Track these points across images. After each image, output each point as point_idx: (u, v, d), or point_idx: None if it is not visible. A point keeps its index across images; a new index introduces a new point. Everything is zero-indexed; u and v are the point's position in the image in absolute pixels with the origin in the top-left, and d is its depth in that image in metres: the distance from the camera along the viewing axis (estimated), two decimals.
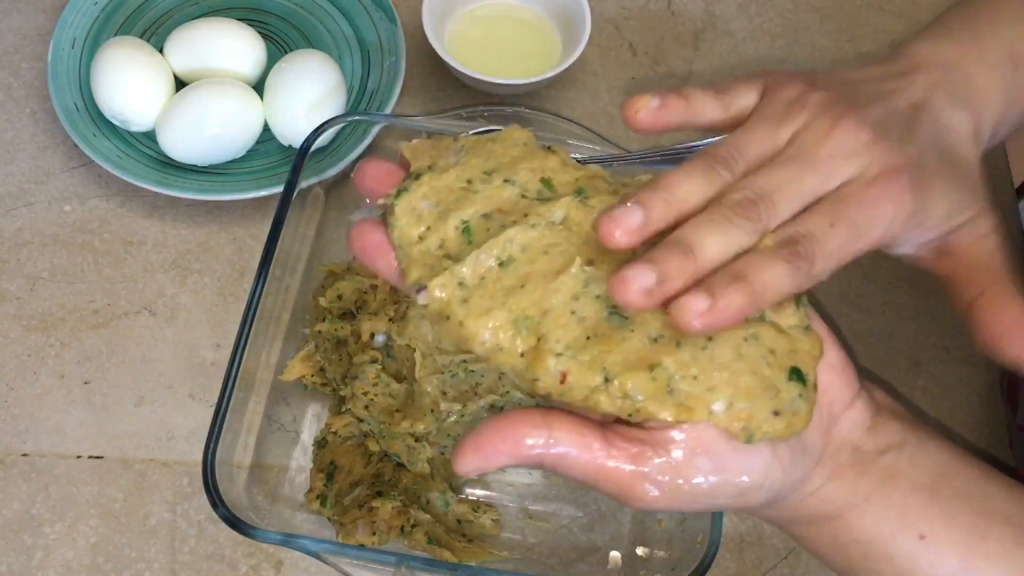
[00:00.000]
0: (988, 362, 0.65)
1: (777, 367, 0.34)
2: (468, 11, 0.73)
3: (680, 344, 0.34)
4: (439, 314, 0.35)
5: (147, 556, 0.56)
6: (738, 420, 0.33)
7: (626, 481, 0.33)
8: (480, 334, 0.34)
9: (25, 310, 0.63)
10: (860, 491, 0.37)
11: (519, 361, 0.34)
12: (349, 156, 0.63)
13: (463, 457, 0.34)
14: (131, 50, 0.66)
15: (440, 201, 0.37)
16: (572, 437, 0.34)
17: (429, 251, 0.36)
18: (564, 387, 0.34)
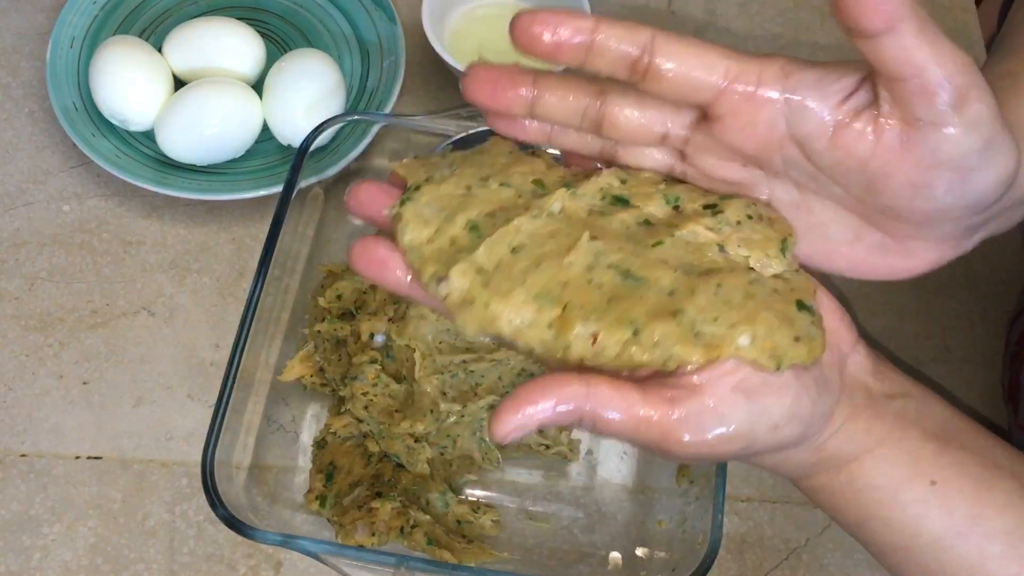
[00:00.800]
0: (990, 362, 0.65)
1: (784, 301, 0.36)
2: (468, 11, 0.73)
3: (695, 292, 0.35)
4: (462, 301, 0.36)
5: (146, 557, 0.56)
6: (764, 350, 0.34)
7: (665, 427, 0.34)
8: (506, 313, 0.35)
9: (23, 310, 0.63)
10: (875, 434, 0.38)
11: (548, 333, 0.35)
12: (348, 156, 0.63)
13: (502, 417, 0.34)
14: (130, 49, 0.66)
15: (444, 206, 0.38)
16: (610, 389, 0.34)
17: (443, 248, 0.37)
18: (597, 348, 0.34)
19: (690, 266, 0.36)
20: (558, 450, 0.57)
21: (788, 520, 0.59)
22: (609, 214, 0.38)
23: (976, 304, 0.67)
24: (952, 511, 0.38)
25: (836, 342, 0.38)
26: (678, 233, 0.37)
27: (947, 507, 0.38)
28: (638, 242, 0.37)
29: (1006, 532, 0.37)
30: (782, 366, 0.35)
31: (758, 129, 0.35)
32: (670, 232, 0.37)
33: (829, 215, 0.37)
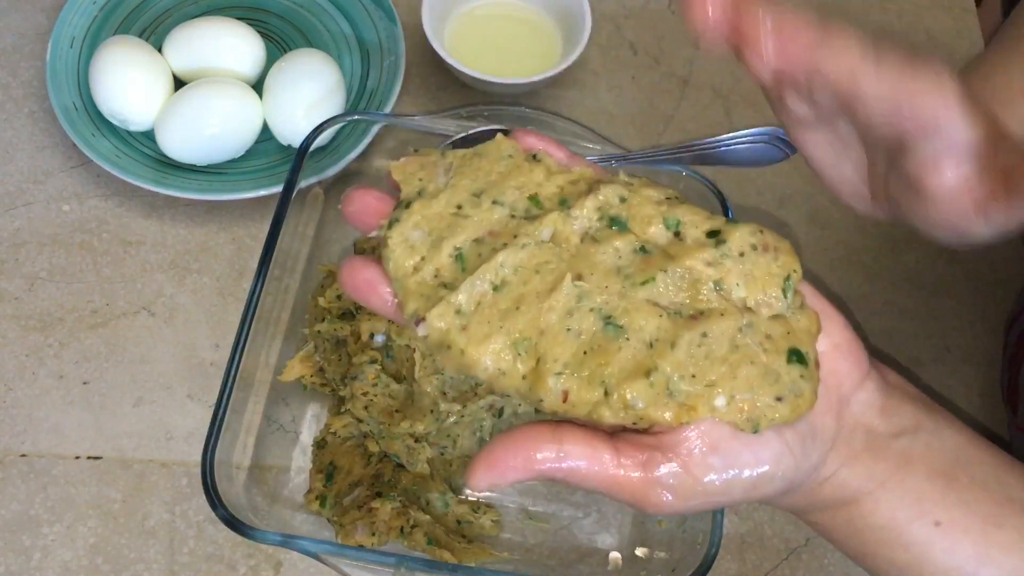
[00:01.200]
0: (989, 363, 0.65)
1: (775, 352, 0.35)
2: (468, 11, 0.73)
3: (675, 345, 0.34)
4: (440, 344, 0.36)
5: (146, 557, 0.56)
6: (741, 412, 0.34)
7: (639, 489, 0.34)
8: (482, 361, 0.35)
9: (23, 310, 0.63)
10: (876, 476, 0.37)
11: (522, 383, 0.35)
12: (348, 156, 0.63)
13: (476, 473, 0.35)
14: (130, 49, 0.66)
15: (432, 229, 0.38)
16: (582, 450, 0.34)
17: (425, 281, 0.37)
18: (567, 405, 0.34)
19: (680, 307, 0.36)
20: None
21: (788, 520, 0.59)
22: (603, 240, 0.37)
23: (976, 304, 0.67)
24: (957, 552, 0.37)
25: (836, 384, 0.37)
26: (672, 268, 0.36)
27: (952, 548, 0.37)
28: (628, 278, 0.36)
29: (1013, 574, 0.37)
30: (759, 429, 0.34)
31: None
32: (664, 265, 0.36)
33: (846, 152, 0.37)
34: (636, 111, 0.73)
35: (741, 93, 0.75)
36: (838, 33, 0.34)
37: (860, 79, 0.35)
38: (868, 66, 0.35)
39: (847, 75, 0.35)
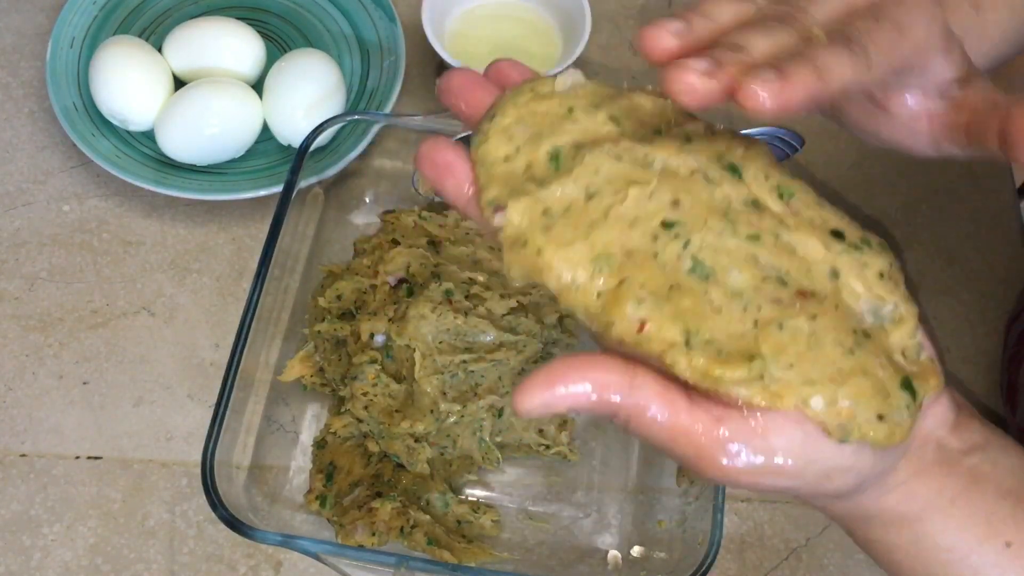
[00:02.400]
0: (989, 363, 0.65)
1: (892, 371, 0.32)
2: (468, 10, 0.73)
3: (783, 327, 0.31)
4: (515, 239, 0.32)
5: (146, 557, 0.56)
6: (837, 416, 0.31)
7: (704, 446, 0.31)
8: (557, 268, 0.31)
9: (23, 310, 0.63)
10: (946, 492, 0.35)
11: (594, 302, 0.31)
12: (348, 156, 0.63)
13: (529, 390, 0.31)
14: (130, 49, 0.66)
15: (535, 124, 0.34)
16: (656, 387, 0.31)
17: (514, 172, 0.33)
18: (642, 336, 0.31)
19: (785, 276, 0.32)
20: (558, 450, 0.57)
21: (788, 520, 0.59)
22: (715, 182, 0.33)
23: (976, 304, 0.67)
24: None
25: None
26: (786, 235, 0.33)
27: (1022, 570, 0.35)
28: (733, 223, 0.33)
29: None
30: (848, 440, 0.31)
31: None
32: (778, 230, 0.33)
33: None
34: None
35: None
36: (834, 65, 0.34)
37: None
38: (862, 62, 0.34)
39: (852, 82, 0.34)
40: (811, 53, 0.31)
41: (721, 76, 0.30)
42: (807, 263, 0.33)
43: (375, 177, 0.65)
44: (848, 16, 0.34)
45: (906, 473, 0.35)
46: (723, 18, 0.33)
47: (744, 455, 0.31)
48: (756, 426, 0.31)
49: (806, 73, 0.30)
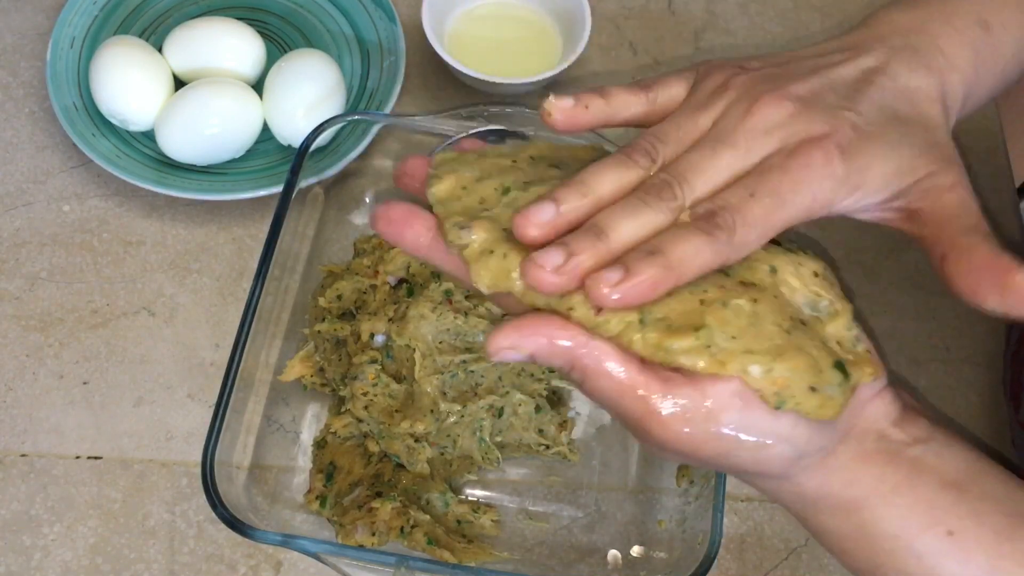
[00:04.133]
0: (989, 363, 0.65)
1: (826, 354, 0.35)
2: (468, 11, 0.73)
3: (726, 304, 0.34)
4: (480, 252, 0.35)
5: (146, 557, 0.56)
6: (773, 384, 0.33)
7: (651, 404, 0.33)
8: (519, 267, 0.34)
9: (24, 310, 0.63)
10: (887, 480, 0.37)
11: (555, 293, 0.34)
12: (348, 156, 0.63)
13: (501, 333, 0.34)
14: (130, 49, 0.66)
15: (483, 170, 0.38)
16: (609, 349, 0.34)
17: (469, 206, 0.37)
18: (599, 319, 0.34)
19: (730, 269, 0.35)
20: (558, 450, 0.57)
21: (788, 520, 0.59)
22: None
23: None
24: (969, 563, 0.36)
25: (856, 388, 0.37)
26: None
27: (964, 559, 0.36)
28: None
29: None
30: (783, 407, 0.34)
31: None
32: None
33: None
34: None
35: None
36: None
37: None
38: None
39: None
40: (667, 245, 0.33)
41: (570, 272, 0.33)
42: (748, 259, 0.36)
43: (375, 177, 0.65)
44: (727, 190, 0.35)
45: (846, 457, 0.37)
46: (602, 188, 0.35)
47: (686, 417, 0.33)
48: (699, 391, 0.33)
49: (654, 271, 0.33)
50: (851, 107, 0.38)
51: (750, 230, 0.35)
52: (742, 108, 0.37)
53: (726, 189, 0.35)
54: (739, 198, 0.35)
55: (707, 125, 0.37)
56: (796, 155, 0.36)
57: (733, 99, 0.37)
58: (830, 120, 0.37)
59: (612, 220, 0.34)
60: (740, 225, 0.34)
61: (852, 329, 0.37)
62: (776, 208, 0.35)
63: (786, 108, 0.36)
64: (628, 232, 0.34)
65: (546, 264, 0.33)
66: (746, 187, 0.35)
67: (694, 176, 0.35)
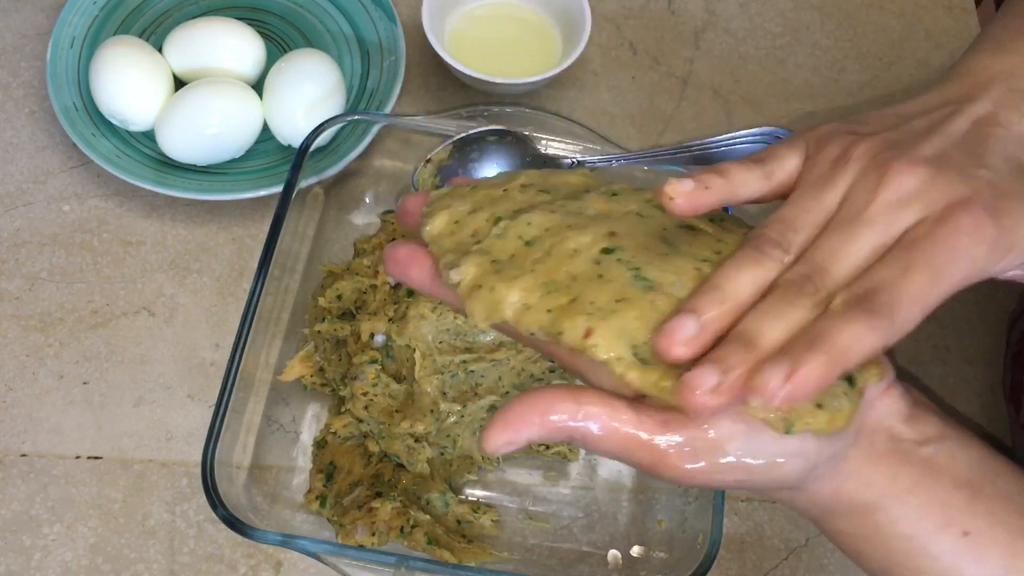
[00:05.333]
0: (989, 363, 0.65)
1: None
2: (468, 11, 0.73)
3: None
4: (471, 286, 0.35)
5: (146, 557, 0.56)
6: (776, 411, 0.32)
7: (656, 451, 0.33)
8: (511, 297, 0.35)
9: (24, 310, 0.63)
10: (900, 481, 0.36)
11: (546, 317, 0.34)
12: (349, 156, 0.63)
13: (492, 432, 0.34)
14: (130, 49, 0.66)
15: (475, 202, 0.39)
16: (601, 407, 0.33)
17: (462, 241, 0.37)
18: (587, 342, 0.33)
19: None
20: (558, 450, 0.57)
21: (788, 520, 0.59)
22: (648, 216, 0.37)
23: (976, 304, 0.67)
24: (986, 563, 0.36)
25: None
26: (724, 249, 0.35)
27: (981, 559, 0.36)
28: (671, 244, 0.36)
29: None
30: (792, 431, 0.33)
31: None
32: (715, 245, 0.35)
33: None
34: (636, 111, 0.73)
35: (741, 93, 0.75)
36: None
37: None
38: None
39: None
40: (826, 334, 0.31)
41: (728, 389, 0.31)
42: None
43: (375, 177, 0.65)
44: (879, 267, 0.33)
45: (858, 461, 0.36)
46: (740, 293, 0.33)
47: (693, 454, 0.33)
48: (701, 427, 0.33)
49: (818, 365, 0.31)
50: (981, 163, 0.36)
51: (910, 309, 0.33)
52: (872, 180, 0.35)
53: (876, 266, 0.34)
54: (893, 276, 0.33)
55: (835, 202, 0.35)
56: (944, 222, 0.34)
57: (859, 171, 0.35)
58: (967, 181, 0.35)
59: (759, 326, 0.32)
60: (899, 305, 0.32)
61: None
62: (934, 282, 0.33)
63: (919, 175, 0.35)
64: (777, 337, 0.32)
65: (701, 387, 0.31)
66: (898, 262, 0.33)
67: (834, 264, 0.34)
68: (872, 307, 0.32)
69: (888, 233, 0.34)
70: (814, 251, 0.34)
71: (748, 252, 0.34)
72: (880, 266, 0.33)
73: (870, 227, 0.34)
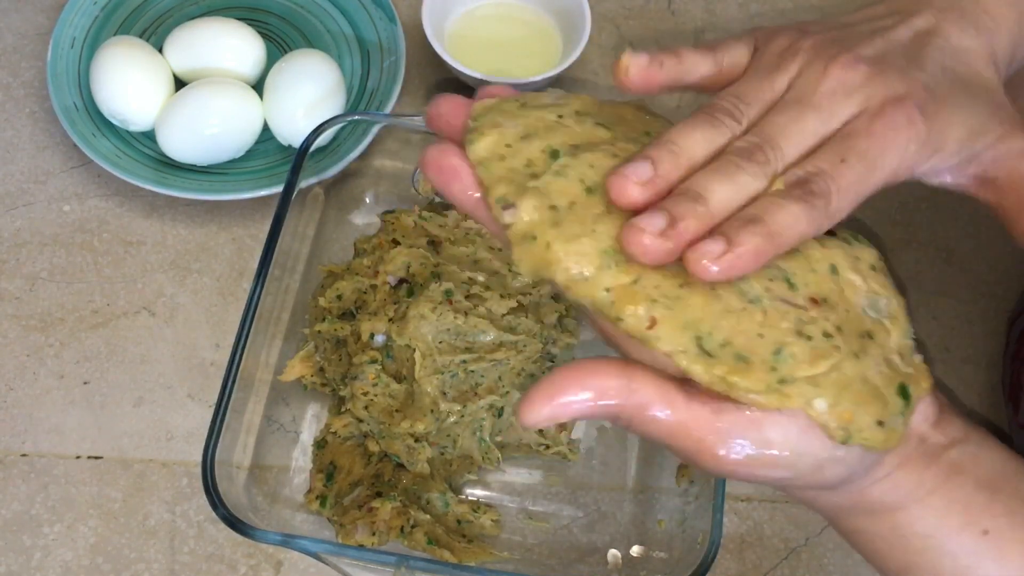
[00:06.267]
0: (989, 363, 0.65)
1: (888, 378, 0.33)
2: (468, 11, 0.73)
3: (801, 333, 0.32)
4: (524, 235, 0.33)
5: (146, 557, 0.56)
6: (839, 419, 0.32)
7: (703, 439, 0.32)
8: (565, 261, 0.32)
9: (24, 310, 0.63)
10: (925, 483, 0.37)
11: (603, 295, 0.32)
12: (348, 156, 0.63)
13: (533, 406, 0.32)
14: (130, 50, 0.66)
15: (527, 126, 0.35)
16: (653, 387, 0.32)
17: (515, 168, 0.34)
18: (650, 333, 0.31)
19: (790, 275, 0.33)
20: (558, 450, 0.57)
21: (788, 520, 0.59)
22: None
23: (976, 304, 0.67)
24: (1006, 562, 0.36)
25: None
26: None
27: (1000, 558, 0.36)
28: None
29: None
30: (849, 442, 0.32)
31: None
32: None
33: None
34: None
35: None
36: None
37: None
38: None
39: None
40: (766, 214, 0.32)
41: (674, 238, 0.31)
42: (809, 261, 0.34)
43: (375, 177, 0.65)
44: (817, 152, 0.35)
45: (891, 466, 0.36)
46: (693, 150, 0.34)
47: (741, 447, 0.32)
48: (753, 419, 0.32)
49: (757, 241, 0.32)
50: (919, 67, 0.37)
51: (844, 196, 0.34)
52: (818, 70, 0.36)
53: (816, 154, 0.35)
54: (831, 164, 0.34)
55: (783, 87, 0.36)
56: (880, 116, 0.35)
57: (805, 62, 0.36)
58: (904, 81, 0.36)
59: (709, 184, 0.33)
60: (835, 192, 0.34)
61: (910, 334, 0.35)
62: (867, 173, 0.34)
63: (861, 70, 0.36)
64: (725, 197, 0.32)
65: (650, 228, 0.31)
66: (836, 152, 0.34)
67: (783, 139, 0.34)
68: (811, 192, 0.33)
69: (830, 121, 0.35)
70: (764, 124, 0.35)
71: (703, 116, 0.35)
72: (819, 154, 0.35)
73: (815, 111, 0.35)
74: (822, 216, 0.33)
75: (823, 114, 0.35)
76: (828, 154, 0.34)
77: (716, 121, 0.35)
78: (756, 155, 0.34)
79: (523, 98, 0.37)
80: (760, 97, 0.36)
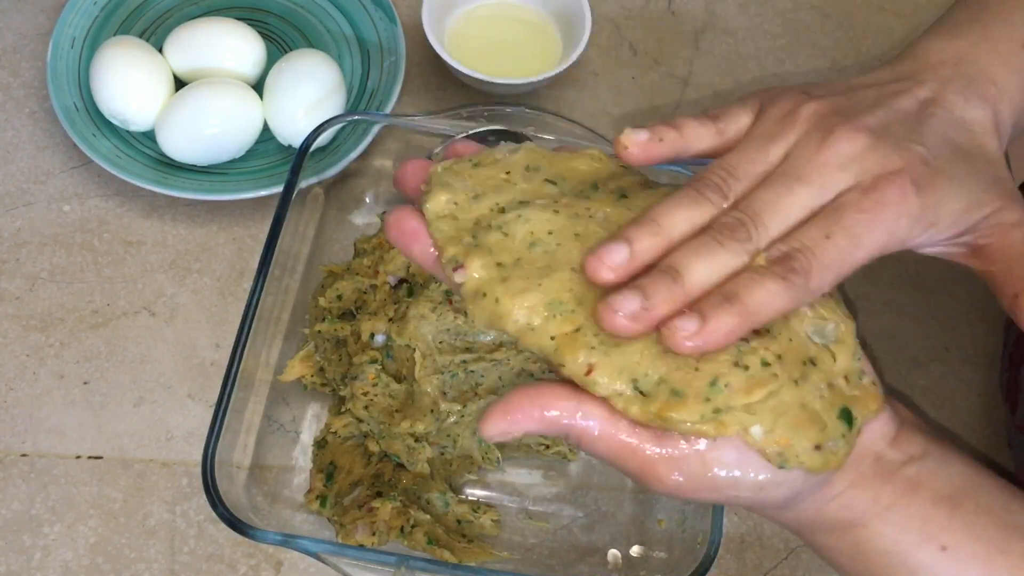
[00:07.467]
0: (989, 363, 0.65)
1: (829, 402, 0.34)
2: (468, 11, 0.73)
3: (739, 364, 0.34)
4: (475, 292, 0.35)
5: (146, 556, 0.56)
6: (776, 444, 0.33)
7: (646, 460, 0.34)
8: (514, 313, 0.34)
9: (24, 310, 0.63)
10: (882, 500, 0.37)
11: (548, 343, 0.34)
12: (349, 156, 0.63)
13: (490, 420, 0.34)
14: (130, 50, 0.66)
15: (477, 185, 0.38)
16: (601, 412, 0.34)
17: (463, 228, 0.36)
18: (588, 379, 0.34)
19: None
20: (558, 450, 0.57)
21: None
22: None
23: (976, 304, 0.67)
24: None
25: None
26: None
27: (958, 573, 0.37)
28: None
29: None
30: (786, 466, 0.33)
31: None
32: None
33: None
34: (636, 111, 0.73)
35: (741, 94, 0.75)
36: None
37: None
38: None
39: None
40: (743, 291, 0.33)
41: (646, 320, 0.33)
42: None
43: (375, 177, 0.65)
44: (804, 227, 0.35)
45: (843, 485, 0.37)
46: (674, 228, 0.35)
47: (683, 470, 0.34)
48: (695, 450, 0.33)
49: (731, 320, 0.32)
50: (919, 140, 0.37)
51: (825, 273, 0.34)
52: (815, 140, 0.36)
53: (800, 229, 0.35)
54: (814, 240, 0.34)
55: (778, 157, 0.36)
56: (872, 190, 0.35)
57: (804, 131, 0.36)
58: (901, 153, 0.36)
59: (686, 261, 0.33)
60: (816, 269, 0.34)
61: (858, 358, 0.36)
62: (852, 249, 0.34)
63: (860, 141, 0.36)
64: (703, 274, 0.33)
65: (622, 309, 0.32)
66: (821, 228, 0.34)
67: (768, 215, 0.35)
68: (791, 269, 0.33)
69: (822, 194, 0.35)
70: (751, 200, 0.35)
71: (689, 192, 0.36)
72: (805, 229, 0.35)
73: (807, 185, 0.35)
74: (801, 293, 0.34)
75: (814, 188, 0.35)
76: (813, 230, 0.35)
77: (701, 198, 0.35)
78: (739, 232, 0.34)
79: (477, 156, 0.39)
80: (751, 171, 0.36)
